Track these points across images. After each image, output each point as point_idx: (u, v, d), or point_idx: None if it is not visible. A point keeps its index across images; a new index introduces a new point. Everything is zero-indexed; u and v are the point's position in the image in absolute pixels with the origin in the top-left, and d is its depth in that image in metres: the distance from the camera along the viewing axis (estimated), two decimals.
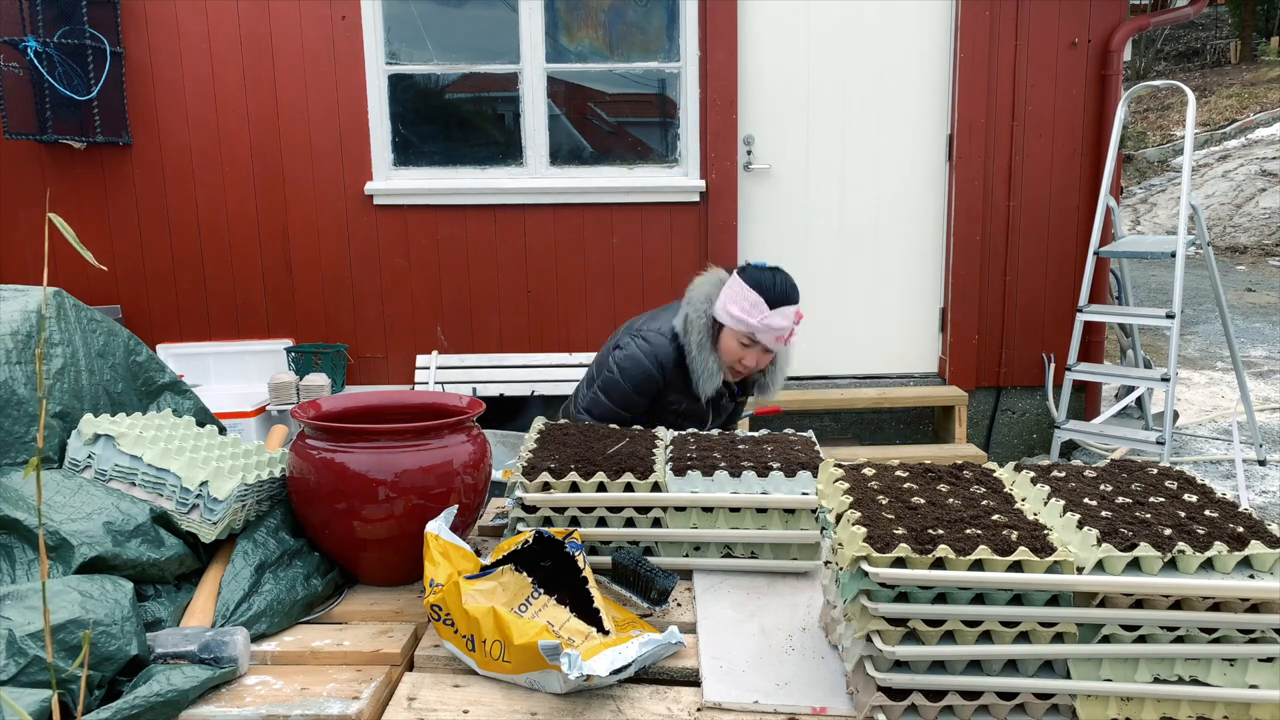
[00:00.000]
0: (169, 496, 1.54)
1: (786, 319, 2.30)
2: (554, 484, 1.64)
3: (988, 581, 1.15)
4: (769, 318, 2.28)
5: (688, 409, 2.46)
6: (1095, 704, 1.20)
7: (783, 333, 2.31)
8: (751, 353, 2.36)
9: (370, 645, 1.46)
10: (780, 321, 2.29)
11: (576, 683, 1.25)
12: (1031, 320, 4.83)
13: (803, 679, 1.34)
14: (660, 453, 1.77)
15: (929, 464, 1.51)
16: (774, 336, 2.31)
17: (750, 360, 2.37)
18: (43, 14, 4.14)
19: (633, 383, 2.42)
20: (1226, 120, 15.31)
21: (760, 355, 2.36)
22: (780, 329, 2.30)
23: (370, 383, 4.84)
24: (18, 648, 1.21)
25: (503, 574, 1.42)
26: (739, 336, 2.34)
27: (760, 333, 2.30)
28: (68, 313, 1.73)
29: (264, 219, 4.71)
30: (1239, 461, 4.48)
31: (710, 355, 2.37)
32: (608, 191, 4.69)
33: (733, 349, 2.36)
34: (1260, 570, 1.16)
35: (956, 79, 4.63)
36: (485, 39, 4.67)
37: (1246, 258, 11.63)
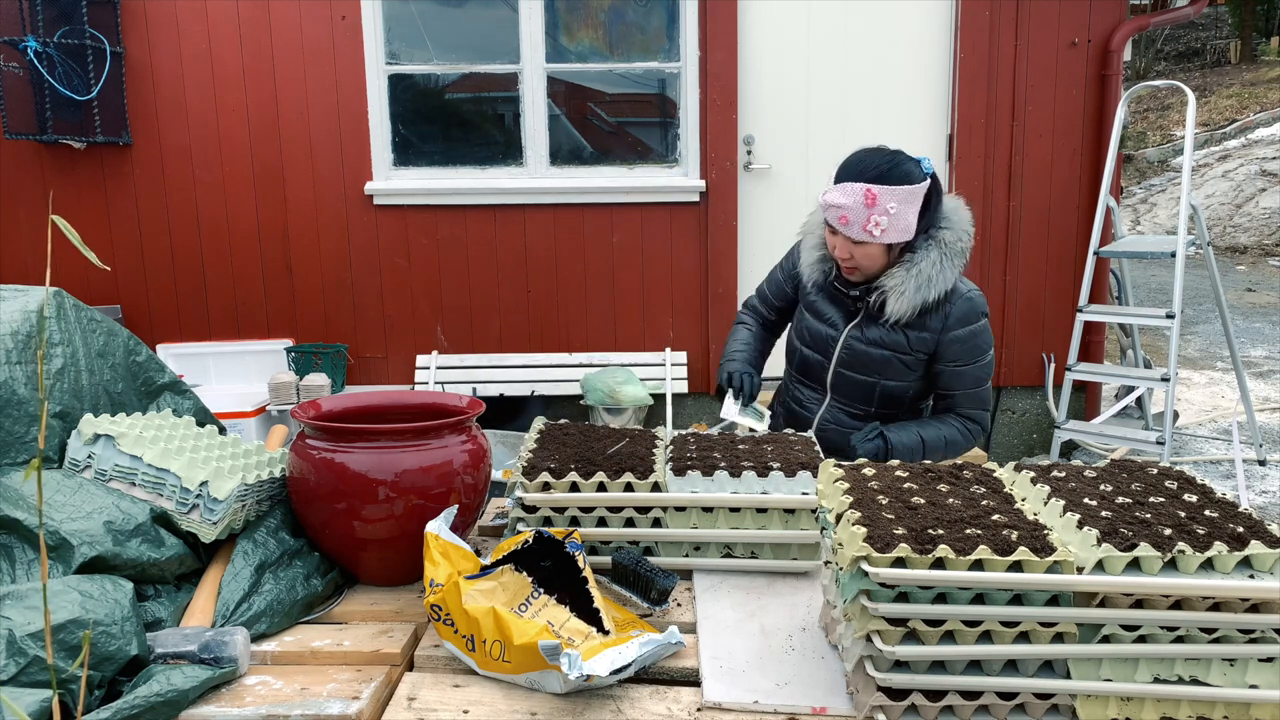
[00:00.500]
0: (169, 496, 1.54)
1: (847, 196, 2.01)
2: (554, 484, 1.64)
3: (988, 581, 1.15)
4: (827, 194, 2.06)
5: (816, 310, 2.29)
6: (1095, 704, 1.20)
7: (844, 212, 2.02)
8: (837, 240, 2.11)
9: (370, 645, 1.46)
10: (837, 198, 2.03)
11: (576, 683, 1.25)
12: (1031, 320, 4.83)
13: (803, 679, 1.34)
14: (660, 453, 1.77)
15: (929, 464, 1.51)
16: (837, 217, 2.04)
17: (838, 250, 2.11)
18: (43, 14, 4.14)
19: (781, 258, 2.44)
20: (1226, 120, 15.31)
21: (849, 245, 2.09)
22: (838, 206, 2.03)
23: (370, 383, 4.84)
24: (18, 648, 1.21)
25: (503, 574, 1.42)
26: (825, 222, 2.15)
27: (825, 211, 2.08)
28: (68, 313, 1.73)
29: (264, 219, 4.71)
30: (1239, 461, 4.48)
31: (815, 237, 2.24)
32: (608, 191, 4.69)
33: (827, 237, 2.16)
34: (1260, 570, 1.16)
35: (956, 79, 4.63)
36: (485, 39, 4.67)
37: (1246, 258, 11.64)
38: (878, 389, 2.25)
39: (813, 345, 2.30)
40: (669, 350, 4.80)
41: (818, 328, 2.28)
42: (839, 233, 2.08)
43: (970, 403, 2.24)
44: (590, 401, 4.48)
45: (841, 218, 2.04)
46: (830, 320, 2.26)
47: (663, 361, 4.75)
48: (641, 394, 4.45)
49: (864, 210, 2.00)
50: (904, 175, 2.02)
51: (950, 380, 2.22)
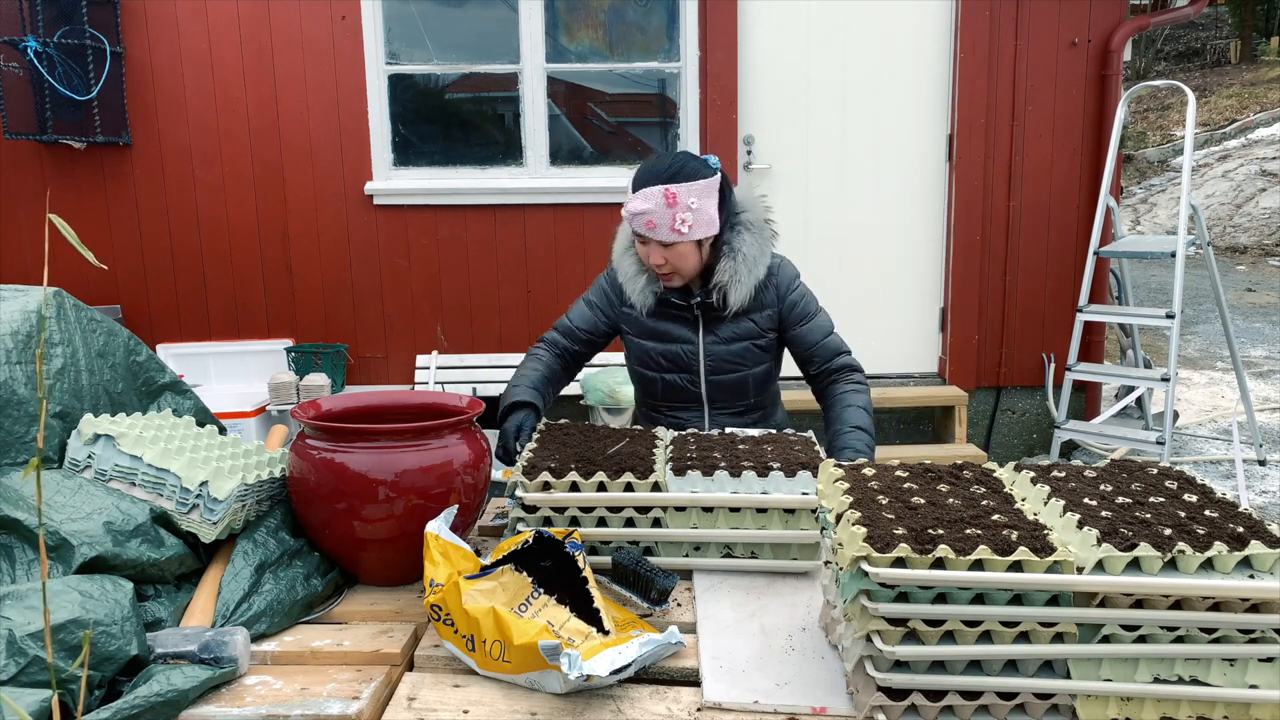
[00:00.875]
0: (169, 496, 1.54)
1: (649, 201, 2.02)
2: (554, 484, 1.64)
3: (988, 581, 1.15)
4: (630, 203, 2.05)
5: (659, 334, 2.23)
6: (1095, 704, 1.20)
7: (649, 216, 2.03)
8: (648, 248, 2.11)
9: (370, 645, 1.46)
10: (639, 204, 2.03)
11: (576, 683, 1.25)
12: (1031, 320, 4.83)
13: (803, 679, 1.34)
14: (660, 452, 1.77)
15: (929, 464, 1.51)
16: (644, 224, 2.04)
17: (654, 257, 2.10)
18: (43, 14, 4.14)
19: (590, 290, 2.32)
20: (1226, 120, 15.31)
21: (662, 251, 2.09)
22: (642, 213, 2.03)
23: (370, 383, 4.84)
24: (18, 648, 1.21)
25: (503, 574, 1.42)
26: (635, 235, 2.13)
27: (631, 221, 2.08)
28: (68, 313, 1.73)
29: (264, 219, 4.71)
30: (1239, 461, 4.48)
31: (630, 256, 2.20)
32: (608, 191, 4.69)
33: (638, 248, 2.16)
34: (1260, 570, 1.16)
35: (956, 79, 4.63)
36: (485, 39, 4.67)
37: (1246, 258, 11.64)
38: (749, 380, 2.26)
39: (673, 369, 2.25)
40: None
41: (672, 349, 2.24)
42: (649, 240, 2.08)
43: (833, 349, 2.26)
44: (590, 401, 4.48)
45: (648, 223, 2.04)
46: (681, 337, 2.22)
47: None
48: (627, 394, 4.44)
49: (667, 210, 2.02)
50: (694, 171, 2.05)
51: (807, 336, 2.25)
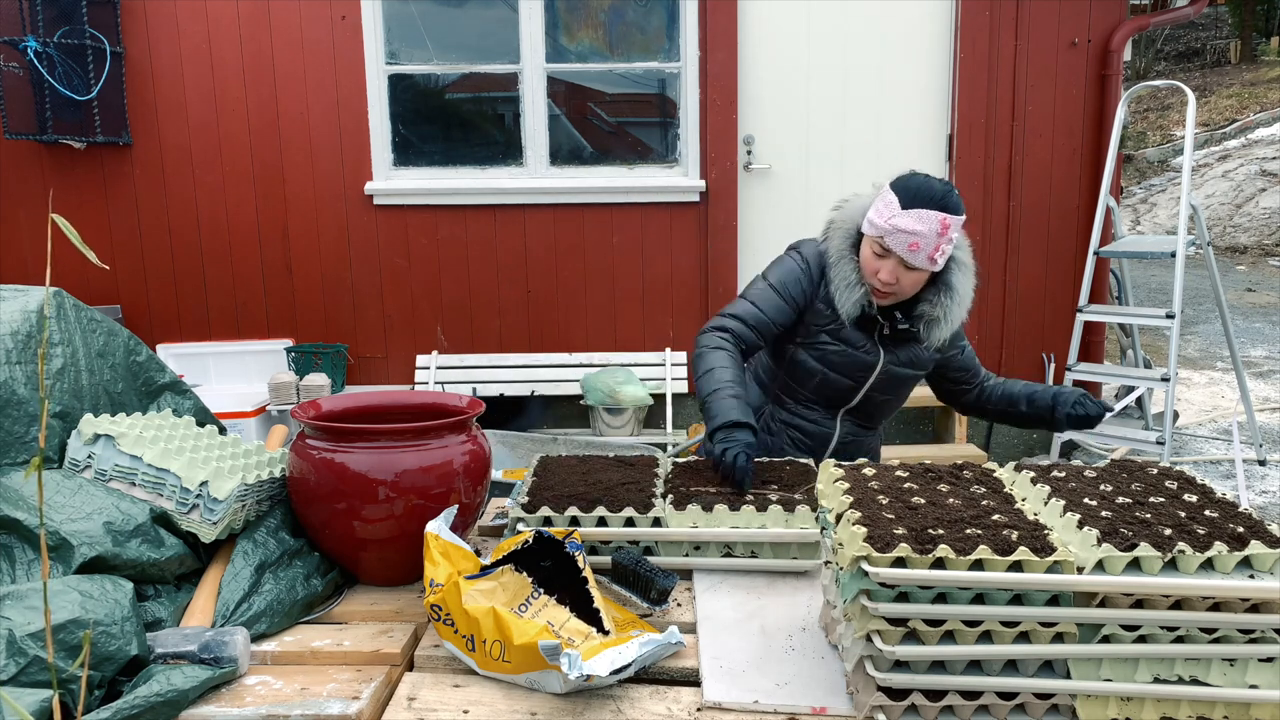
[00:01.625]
0: (169, 496, 1.54)
1: (924, 224, 1.92)
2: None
3: (988, 581, 1.15)
4: (897, 218, 1.93)
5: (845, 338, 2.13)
6: (1095, 704, 1.20)
7: (916, 239, 1.93)
8: (886, 264, 1.99)
9: (370, 645, 1.46)
10: (911, 224, 1.92)
11: (576, 683, 1.25)
12: (1031, 320, 4.83)
13: (803, 679, 1.34)
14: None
15: (929, 464, 1.51)
16: (907, 244, 1.93)
17: (886, 274, 1.99)
18: (43, 14, 4.14)
19: (776, 275, 2.13)
20: (1226, 120, 15.31)
21: (898, 269, 1.98)
22: (912, 234, 1.92)
23: (370, 383, 4.84)
24: (18, 648, 1.21)
25: (503, 574, 1.42)
26: (873, 243, 2.01)
27: (889, 236, 1.95)
28: (68, 313, 1.73)
29: (264, 219, 4.71)
30: (1239, 461, 4.48)
31: (849, 263, 2.06)
32: (608, 191, 4.69)
33: (868, 259, 2.03)
34: (1260, 570, 1.16)
35: (956, 79, 4.63)
36: (485, 39, 4.67)
37: (1246, 258, 11.64)
38: (896, 404, 2.28)
39: (843, 371, 2.18)
40: (669, 350, 4.80)
41: (854, 355, 2.15)
42: (894, 255, 1.98)
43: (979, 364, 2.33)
44: (590, 401, 4.49)
45: (913, 244, 1.94)
46: (865, 348, 2.15)
47: (663, 361, 4.76)
48: (641, 394, 4.45)
49: (936, 238, 1.94)
50: (959, 203, 1.98)
51: (968, 361, 2.28)
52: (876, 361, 2.15)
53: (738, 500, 1.69)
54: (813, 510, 1.66)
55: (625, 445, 3.77)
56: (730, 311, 2.13)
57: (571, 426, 4.84)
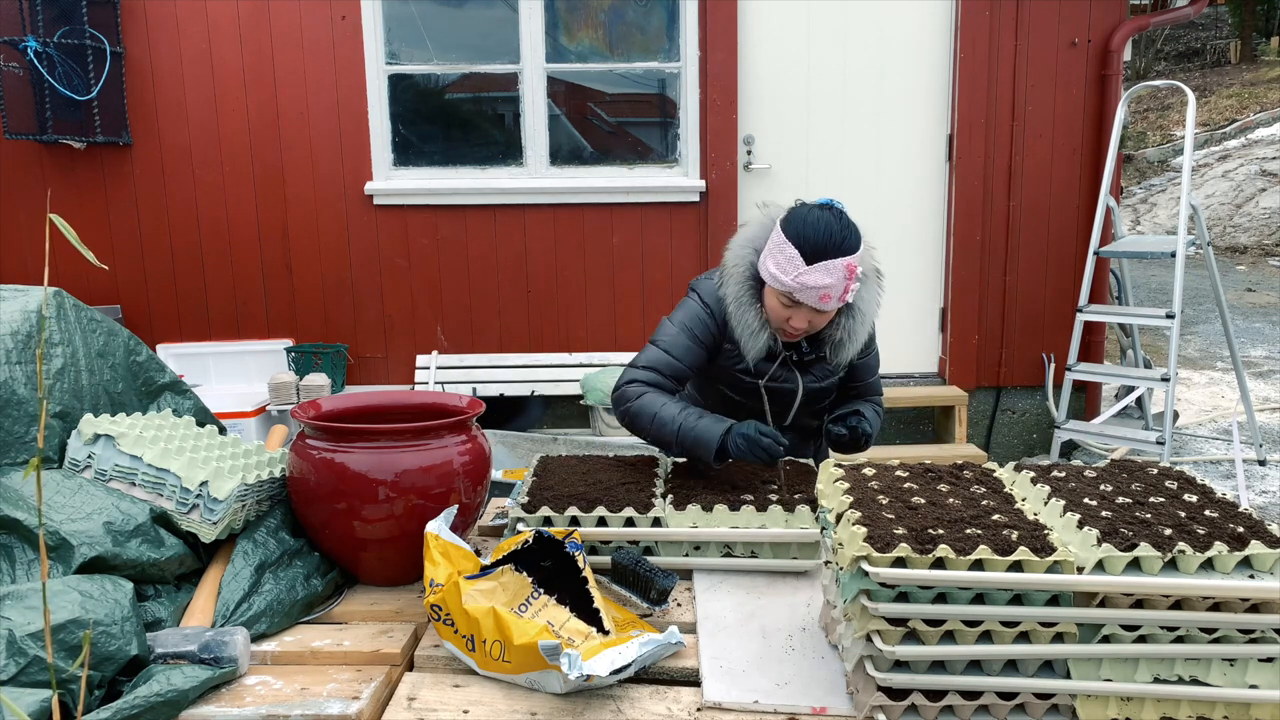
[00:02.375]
0: (169, 496, 1.54)
1: (832, 275, 1.86)
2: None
3: (988, 581, 1.15)
4: (804, 274, 1.86)
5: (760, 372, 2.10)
6: (1095, 704, 1.20)
7: (827, 291, 1.88)
8: (798, 313, 1.94)
9: (370, 645, 1.46)
10: (821, 279, 1.86)
11: (576, 683, 1.25)
12: (1031, 320, 4.83)
13: (803, 679, 1.34)
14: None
15: (929, 464, 1.51)
16: (817, 296, 1.88)
17: (799, 323, 1.95)
18: (43, 14, 4.14)
19: (682, 319, 2.09)
20: (1226, 120, 15.31)
21: (811, 315, 1.95)
22: (822, 287, 1.87)
23: (370, 383, 4.84)
24: (18, 648, 1.21)
25: (503, 574, 1.42)
26: (778, 296, 1.95)
27: (799, 293, 1.89)
28: (68, 313, 1.73)
29: (264, 219, 4.71)
30: (1239, 461, 4.48)
31: (750, 310, 2.01)
32: (608, 191, 4.69)
33: (775, 309, 1.98)
34: (1260, 570, 1.16)
35: (956, 79, 4.63)
36: (485, 39, 4.67)
37: (1246, 258, 11.64)
38: (824, 408, 2.26)
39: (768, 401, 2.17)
40: None
41: (774, 386, 2.14)
42: (804, 306, 1.93)
43: (877, 386, 2.31)
44: (590, 401, 4.48)
45: (823, 296, 1.89)
46: (782, 378, 2.13)
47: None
48: None
49: (844, 283, 1.90)
50: (858, 236, 1.94)
51: (863, 371, 2.25)
52: (797, 388, 2.14)
53: (737, 500, 1.69)
54: (813, 510, 1.66)
55: (625, 445, 3.77)
56: (641, 363, 2.08)
57: (571, 426, 4.84)
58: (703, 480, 1.82)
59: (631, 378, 2.06)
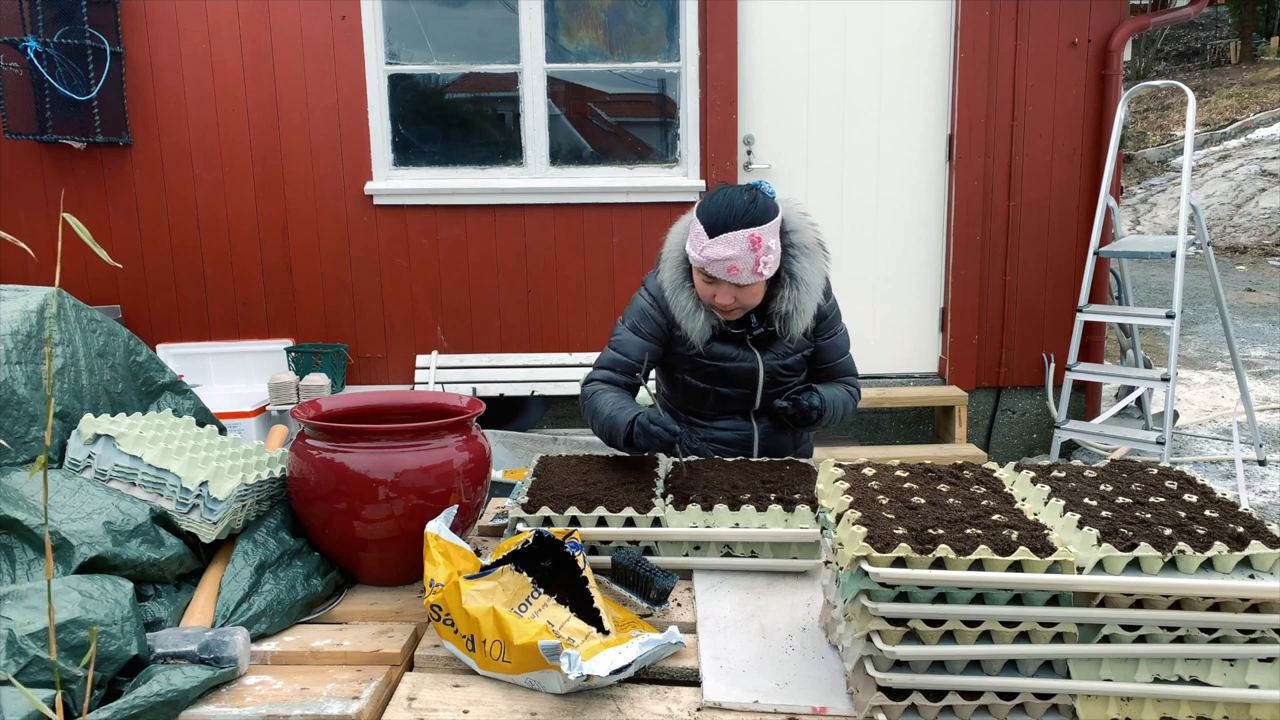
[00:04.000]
0: (169, 496, 1.54)
1: (733, 247, 1.93)
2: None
3: (988, 581, 1.15)
4: (708, 248, 1.95)
5: (716, 354, 2.16)
6: (1095, 704, 1.20)
7: (732, 263, 1.94)
8: (720, 289, 2.02)
9: (370, 645, 1.46)
10: (723, 251, 1.94)
11: (576, 683, 1.25)
12: (1031, 320, 4.83)
13: (803, 679, 1.34)
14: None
15: (929, 464, 1.51)
16: (726, 269, 1.95)
17: (724, 298, 2.02)
18: (43, 14, 4.14)
19: (630, 318, 2.20)
20: (1226, 120, 15.31)
21: (734, 290, 2.01)
22: (726, 259, 1.94)
23: (370, 383, 4.84)
24: (18, 648, 1.21)
25: (503, 574, 1.42)
26: (698, 274, 2.05)
27: (708, 266, 1.97)
28: (68, 313, 1.73)
29: (264, 219, 4.71)
30: (1239, 461, 4.48)
31: (684, 292, 2.10)
32: (608, 191, 4.69)
33: (701, 287, 2.06)
34: (1260, 570, 1.16)
35: (956, 79, 4.63)
36: (485, 39, 4.67)
37: (1246, 258, 11.63)
38: (797, 386, 2.27)
39: (730, 384, 2.21)
40: None
41: (733, 368, 2.18)
42: (722, 281, 1.99)
43: (848, 366, 2.30)
44: None
45: (731, 268, 1.96)
46: (738, 357, 2.17)
47: None
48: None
49: (751, 255, 1.95)
50: (767, 210, 1.99)
51: (829, 351, 2.26)
52: (756, 366, 2.18)
53: (738, 500, 1.69)
54: (813, 510, 1.66)
55: None
56: (598, 364, 2.23)
57: (571, 426, 4.84)
58: (703, 480, 1.82)
59: (588, 378, 2.23)
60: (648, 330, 2.19)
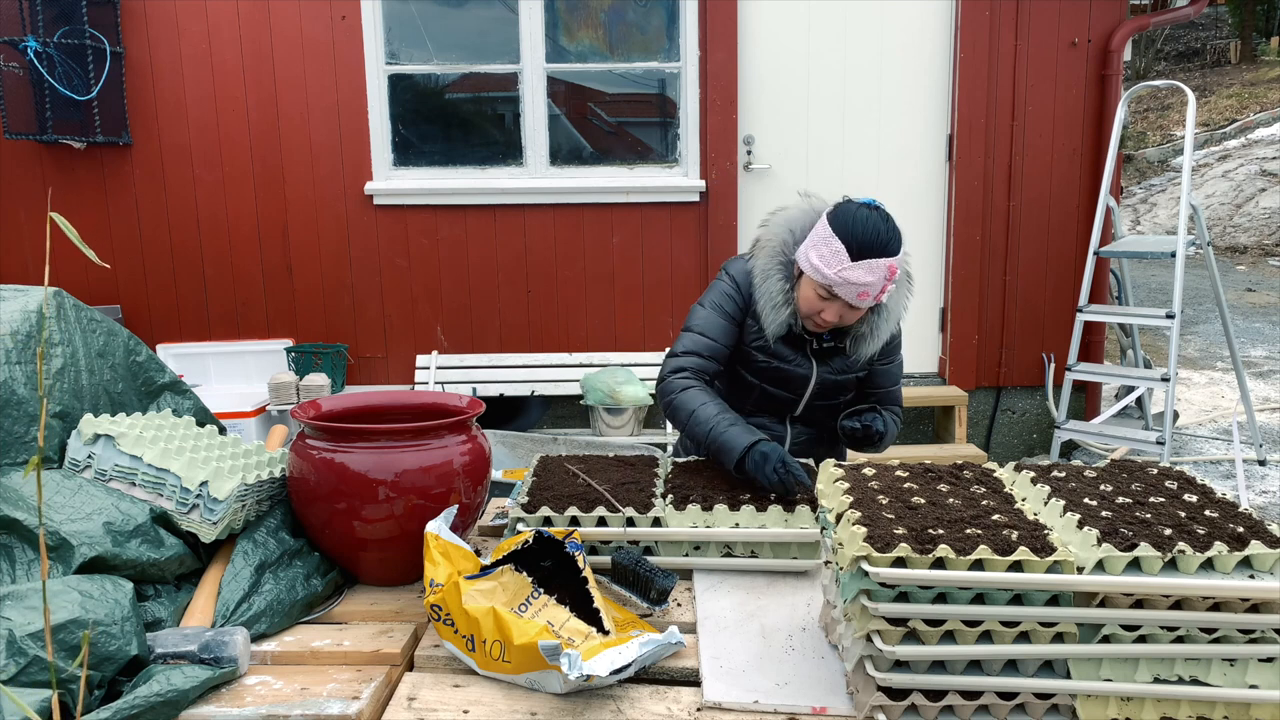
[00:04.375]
0: (169, 496, 1.54)
1: (874, 274, 1.91)
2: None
3: (988, 581, 1.15)
4: (847, 270, 1.91)
5: (776, 353, 2.14)
6: (1095, 704, 1.20)
7: (866, 289, 1.93)
8: (832, 307, 1.99)
9: (370, 645, 1.46)
10: (863, 276, 1.90)
11: (576, 683, 1.25)
12: (1031, 320, 4.83)
13: (803, 679, 1.34)
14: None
15: (929, 464, 1.51)
16: (856, 294, 1.93)
17: (830, 315, 2.00)
18: (43, 14, 4.14)
19: (712, 299, 2.15)
20: (1226, 120, 15.31)
21: (844, 310, 1.99)
22: (862, 285, 1.91)
23: (370, 383, 4.84)
24: (18, 648, 1.21)
25: (503, 574, 1.42)
26: (816, 287, 1.99)
27: (839, 287, 1.93)
28: (68, 313, 1.73)
29: (264, 219, 4.71)
30: (1239, 461, 4.48)
31: (775, 281, 2.06)
32: (608, 191, 4.69)
33: (810, 300, 2.02)
34: (1260, 570, 1.16)
35: (956, 79, 4.63)
36: (485, 39, 4.67)
37: (1246, 258, 11.63)
38: (844, 406, 2.26)
39: (779, 385, 2.20)
40: None
41: (787, 370, 2.17)
42: (839, 300, 1.97)
43: (898, 396, 2.28)
44: (590, 401, 4.48)
45: (862, 294, 1.94)
46: (796, 362, 2.16)
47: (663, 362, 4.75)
48: (641, 394, 4.45)
49: (883, 283, 1.94)
50: (899, 237, 1.98)
51: (882, 377, 2.25)
52: (810, 375, 2.17)
53: (737, 500, 1.69)
54: (813, 510, 1.66)
55: (625, 445, 3.77)
56: (680, 349, 2.14)
57: (571, 426, 4.84)
58: (703, 480, 1.82)
59: (674, 367, 2.11)
60: (732, 312, 2.15)
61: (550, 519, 1.65)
